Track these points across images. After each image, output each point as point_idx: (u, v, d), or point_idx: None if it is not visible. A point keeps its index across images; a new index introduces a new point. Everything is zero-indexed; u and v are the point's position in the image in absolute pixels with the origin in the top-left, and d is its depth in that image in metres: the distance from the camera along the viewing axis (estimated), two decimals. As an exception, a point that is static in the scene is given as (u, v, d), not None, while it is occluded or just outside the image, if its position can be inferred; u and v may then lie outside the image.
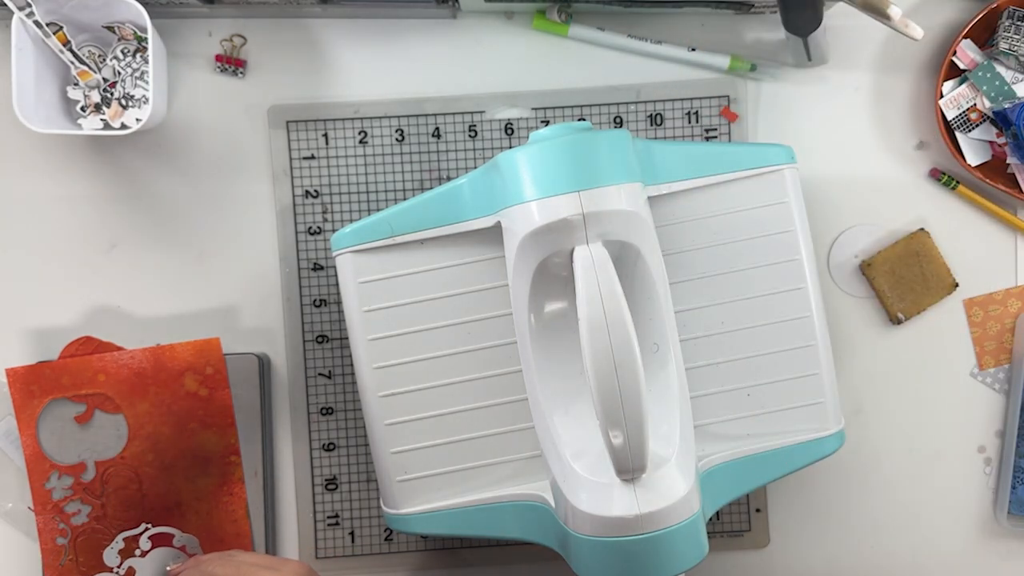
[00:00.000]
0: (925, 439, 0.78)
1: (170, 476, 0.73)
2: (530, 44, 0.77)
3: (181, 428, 0.73)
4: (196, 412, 0.73)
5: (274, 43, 0.76)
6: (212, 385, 0.73)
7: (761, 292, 0.66)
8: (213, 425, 0.73)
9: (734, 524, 0.78)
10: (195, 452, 0.73)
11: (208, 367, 0.73)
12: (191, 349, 0.73)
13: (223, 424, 0.73)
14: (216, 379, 0.73)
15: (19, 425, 0.73)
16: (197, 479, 0.73)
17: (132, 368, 0.73)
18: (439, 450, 0.67)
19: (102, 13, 0.72)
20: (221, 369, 0.73)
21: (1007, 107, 0.73)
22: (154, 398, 0.73)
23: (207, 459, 0.73)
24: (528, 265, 0.60)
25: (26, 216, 0.76)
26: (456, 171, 0.76)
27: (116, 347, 0.75)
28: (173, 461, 0.73)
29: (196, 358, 0.73)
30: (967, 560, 0.79)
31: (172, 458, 0.73)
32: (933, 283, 0.77)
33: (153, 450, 0.73)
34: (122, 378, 0.73)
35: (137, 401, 0.73)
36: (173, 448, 0.73)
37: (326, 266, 0.77)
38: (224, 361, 0.73)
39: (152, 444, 0.73)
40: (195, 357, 0.73)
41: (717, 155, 0.66)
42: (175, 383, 0.73)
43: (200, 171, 0.77)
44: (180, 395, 0.73)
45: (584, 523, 0.60)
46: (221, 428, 0.73)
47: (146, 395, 0.73)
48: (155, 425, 0.73)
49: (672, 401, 0.62)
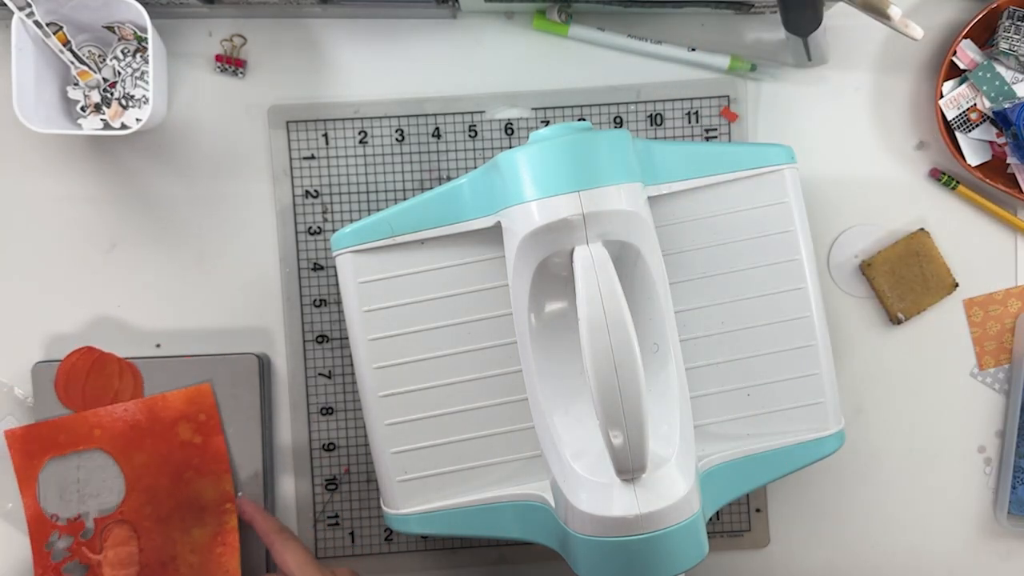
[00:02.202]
0: (925, 439, 0.78)
1: (166, 529, 0.72)
2: (530, 44, 0.77)
3: (177, 478, 0.72)
4: (192, 460, 0.72)
5: (274, 43, 0.76)
6: (206, 432, 0.73)
7: (761, 292, 0.66)
8: (209, 472, 0.72)
9: (734, 524, 0.78)
10: (191, 502, 0.72)
11: (201, 414, 0.72)
12: (183, 397, 0.73)
13: (218, 471, 0.72)
14: (210, 425, 0.73)
15: (20, 487, 0.72)
16: (192, 530, 0.72)
17: (127, 421, 0.72)
18: (439, 450, 0.67)
19: (102, 13, 0.72)
20: (214, 415, 0.73)
21: (1007, 107, 0.73)
22: (150, 449, 0.72)
23: (203, 508, 0.72)
24: (528, 265, 0.60)
25: (26, 216, 0.76)
26: (456, 171, 0.76)
27: (116, 358, 0.75)
28: (169, 513, 0.72)
29: (188, 406, 0.72)
30: (967, 560, 0.79)
31: (168, 509, 0.72)
32: (933, 283, 0.77)
33: (151, 502, 0.72)
34: (117, 432, 0.72)
35: (134, 453, 0.72)
36: (170, 499, 0.72)
37: (326, 266, 0.77)
38: (216, 407, 0.73)
39: (150, 496, 0.72)
40: (187, 405, 0.73)
41: (717, 155, 0.66)
42: (169, 433, 0.72)
43: (200, 171, 0.77)
44: (175, 444, 0.72)
45: (584, 523, 0.60)
46: (217, 475, 0.72)
47: (142, 446, 0.72)
48: (152, 476, 0.72)
49: (672, 401, 0.62)
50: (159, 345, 0.77)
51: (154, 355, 0.76)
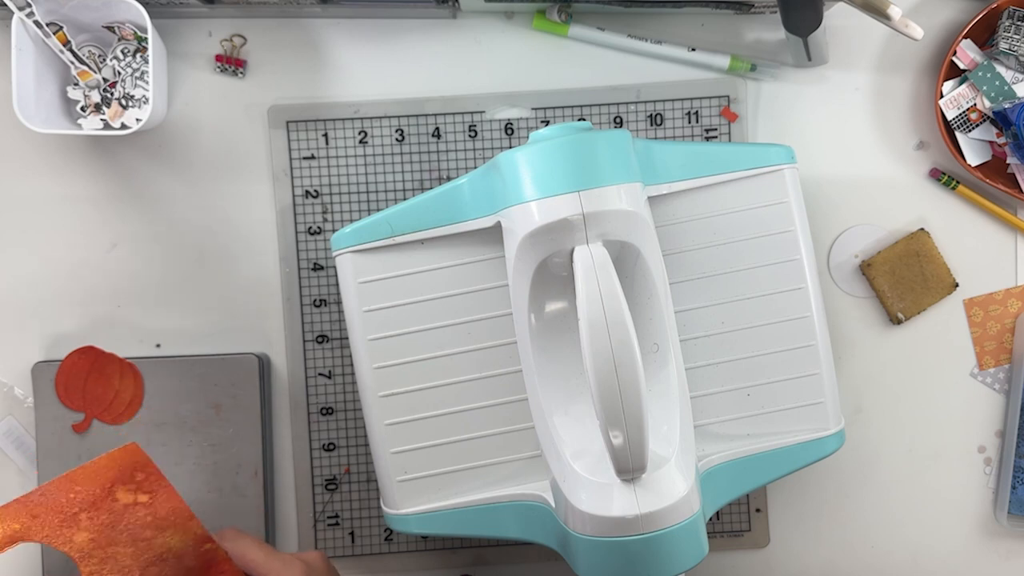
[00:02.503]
0: (925, 439, 0.78)
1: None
2: (530, 44, 0.77)
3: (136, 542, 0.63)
4: (145, 520, 0.64)
5: (274, 43, 0.76)
6: (149, 489, 0.64)
7: (761, 292, 0.66)
8: (169, 527, 0.64)
9: (734, 524, 0.78)
10: (163, 557, 0.65)
11: (137, 474, 0.63)
12: (107, 463, 0.63)
13: (180, 521, 0.64)
14: (152, 481, 0.63)
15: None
16: None
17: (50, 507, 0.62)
18: (439, 450, 0.67)
19: (102, 13, 0.72)
20: (152, 470, 0.63)
21: (1007, 107, 0.73)
22: (90, 523, 0.63)
23: (179, 556, 0.64)
24: (528, 265, 0.60)
25: (26, 216, 0.76)
26: (456, 171, 0.76)
27: (117, 358, 0.75)
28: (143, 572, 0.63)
29: (118, 472, 0.63)
30: (967, 560, 0.79)
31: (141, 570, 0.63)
32: (933, 283, 0.77)
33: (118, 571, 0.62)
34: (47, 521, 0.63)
35: (73, 535, 0.63)
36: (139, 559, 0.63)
37: (326, 266, 0.77)
38: (152, 462, 0.63)
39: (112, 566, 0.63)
40: (116, 471, 0.63)
41: (717, 155, 0.66)
42: (106, 502, 0.63)
43: (200, 171, 0.77)
44: (118, 511, 0.63)
45: (584, 523, 0.60)
46: (180, 526, 0.64)
47: (79, 525, 0.62)
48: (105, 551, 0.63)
49: (672, 401, 0.62)
50: (159, 345, 0.77)
51: (154, 355, 0.77)
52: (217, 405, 0.75)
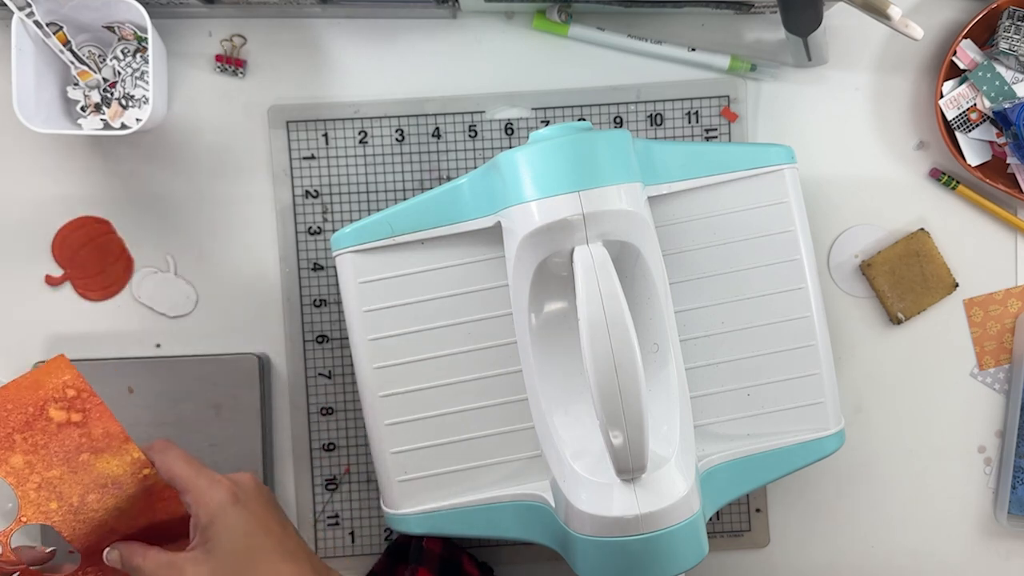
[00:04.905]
0: (925, 439, 0.78)
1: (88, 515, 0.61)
2: (530, 44, 0.77)
3: (72, 464, 0.60)
4: (80, 441, 0.60)
5: (274, 43, 0.76)
6: (82, 407, 0.60)
7: (761, 292, 0.66)
8: (105, 449, 0.60)
9: (734, 524, 0.78)
10: (101, 482, 0.61)
11: (67, 389, 0.60)
12: (36, 378, 0.60)
13: (116, 444, 0.60)
14: (83, 399, 0.60)
15: None
16: (121, 505, 0.61)
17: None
18: (439, 450, 0.67)
19: (102, 13, 0.72)
20: (83, 386, 0.60)
21: (1007, 107, 0.73)
22: (24, 445, 0.60)
23: (118, 483, 0.61)
24: (528, 265, 0.60)
25: (26, 216, 0.76)
26: (456, 171, 0.76)
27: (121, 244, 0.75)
28: (82, 500, 0.61)
29: (50, 388, 0.60)
30: (967, 560, 0.79)
31: (80, 498, 0.61)
32: (933, 283, 0.77)
33: (56, 498, 0.60)
34: None
35: (8, 457, 0.60)
36: (77, 486, 0.60)
37: (326, 266, 0.77)
38: (82, 376, 0.60)
39: (49, 493, 0.60)
40: (48, 387, 0.60)
41: (717, 155, 0.66)
42: (39, 421, 0.60)
43: (200, 171, 0.77)
44: (52, 431, 0.60)
45: (584, 523, 0.60)
46: (116, 448, 0.60)
47: (13, 446, 0.60)
48: (41, 473, 0.60)
49: (672, 401, 0.62)
50: (159, 345, 0.77)
51: (154, 355, 0.77)
52: (217, 405, 0.75)
